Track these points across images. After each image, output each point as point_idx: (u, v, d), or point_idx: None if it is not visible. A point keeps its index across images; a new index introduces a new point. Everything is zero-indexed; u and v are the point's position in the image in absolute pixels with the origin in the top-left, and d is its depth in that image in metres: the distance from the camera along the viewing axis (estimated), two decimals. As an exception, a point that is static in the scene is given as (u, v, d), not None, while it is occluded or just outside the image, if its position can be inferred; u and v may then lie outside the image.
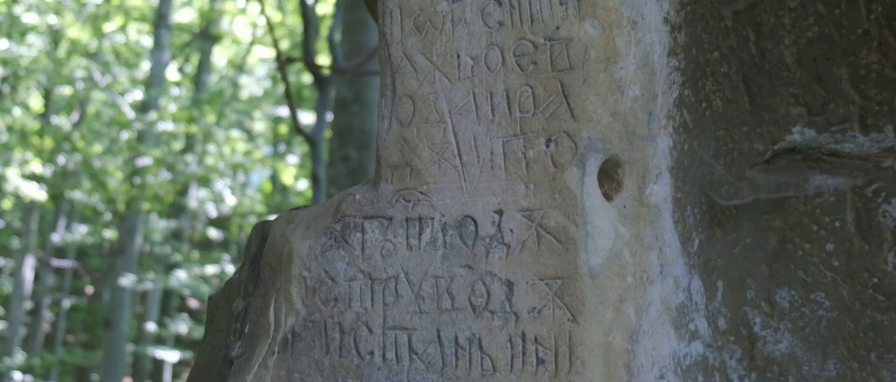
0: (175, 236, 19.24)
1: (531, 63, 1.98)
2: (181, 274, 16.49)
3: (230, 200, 18.30)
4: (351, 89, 10.40)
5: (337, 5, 10.29)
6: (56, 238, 18.13)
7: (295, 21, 16.73)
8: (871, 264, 2.11)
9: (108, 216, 17.29)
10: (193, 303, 21.85)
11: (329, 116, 10.43)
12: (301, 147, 18.26)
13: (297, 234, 2.13)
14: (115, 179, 15.05)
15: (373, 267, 2.03)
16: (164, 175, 14.95)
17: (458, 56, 2.03)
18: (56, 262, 18.83)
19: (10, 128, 15.97)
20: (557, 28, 1.97)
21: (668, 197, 2.10)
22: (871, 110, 2.14)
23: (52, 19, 15.28)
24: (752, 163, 2.21)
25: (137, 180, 14.50)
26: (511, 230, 1.96)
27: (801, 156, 2.20)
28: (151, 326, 17.54)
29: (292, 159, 18.75)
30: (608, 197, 2.00)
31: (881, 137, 2.13)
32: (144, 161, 14.52)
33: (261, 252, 2.29)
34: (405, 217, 2.03)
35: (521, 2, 2.00)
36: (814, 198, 2.16)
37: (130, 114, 15.18)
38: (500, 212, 1.97)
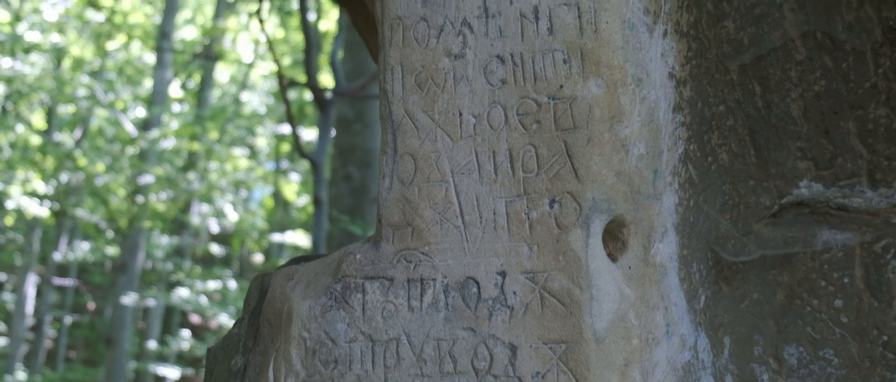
0: (177, 253, 19.21)
1: (534, 122, 1.96)
2: (183, 292, 16.45)
3: (232, 216, 18.29)
4: (353, 108, 10.39)
5: (339, 25, 10.29)
6: (58, 256, 18.10)
7: (297, 37, 16.76)
8: (881, 321, 2.07)
9: (110, 233, 17.28)
10: (195, 319, 21.80)
11: (332, 133, 10.41)
12: (303, 164, 18.25)
13: (297, 293, 2.10)
14: (118, 197, 15.04)
15: (374, 328, 2.00)
16: (167, 193, 14.94)
17: (461, 114, 2.00)
18: (58, 281, 18.79)
19: (12, 145, 15.98)
20: (561, 87, 1.95)
21: (673, 254, 2.07)
22: (880, 165, 2.11)
23: (55, 37, 15.30)
24: (758, 218, 2.17)
25: (140, 198, 14.49)
26: (514, 292, 1.93)
27: (808, 210, 2.17)
28: (153, 344, 17.50)
29: (294, 176, 18.73)
30: (613, 258, 1.97)
31: (890, 193, 2.10)
32: (147, 179, 14.51)
33: (260, 306, 2.25)
34: (406, 278, 1.99)
35: (524, 59, 1.97)
36: (822, 254, 2.13)
37: (133, 131, 15.18)
38: (503, 274, 1.94)
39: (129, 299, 14.32)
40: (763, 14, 2.16)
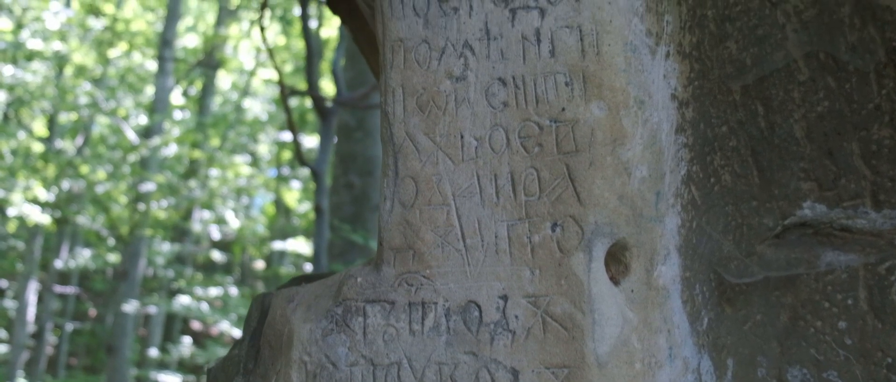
0: (178, 260, 19.21)
1: (537, 145, 1.95)
2: (185, 299, 16.44)
3: (233, 223, 18.28)
4: (354, 116, 10.38)
5: (341, 32, 10.29)
6: (59, 263, 18.09)
7: (299, 44, 16.76)
8: (885, 343, 2.06)
9: (111, 241, 17.27)
10: (197, 325, 21.78)
11: (334, 141, 10.40)
12: (305, 170, 18.23)
13: (298, 315, 2.09)
14: (119, 205, 15.04)
15: (375, 352, 1.99)
16: (168, 200, 14.94)
17: (462, 137, 1.99)
18: (59, 289, 18.79)
19: (14, 152, 15.99)
20: (563, 109, 1.94)
21: (676, 276, 2.06)
22: (884, 186, 2.10)
23: (57, 45, 15.31)
24: (761, 239, 2.16)
25: (141, 206, 14.49)
26: (516, 316, 1.91)
27: (811, 231, 2.16)
28: (154, 352, 17.48)
29: (296, 184, 18.72)
30: (615, 281, 1.96)
31: (894, 214, 2.09)
32: (148, 186, 14.51)
33: (261, 327, 2.24)
34: (408, 301, 1.98)
35: (527, 82, 1.96)
36: (825, 275, 2.12)
37: (135, 139, 15.18)
38: (504, 298, 1.93)
39: (130, 307, 14.32)
40: (766, 35, 2.15)
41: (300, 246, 14.59)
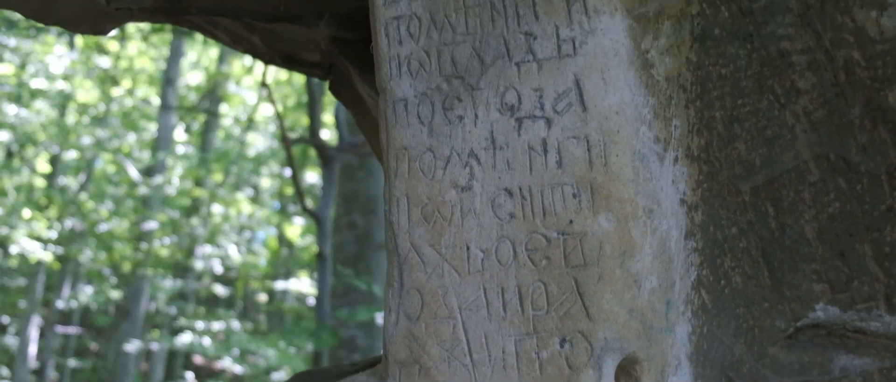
0: (181, 296, 19.15)
1: (544, 258, 1.91)
2: (187, 337, 16.35)
3: (236, 257, 18.22)
4: (357, 155, 10.36)
5: (343, 74, 10.29)
6: (60, 303, 18.01)
7: (300, 78, 16.79)
8: (902, 450, 2.01)
9: (113, 279, 17.22)
10: (199, 360, 21.65)
11: (335, 185, 10.38)
12: (307, 200, 18.17)
13: (302, 428, 2.04)
14: (122, 241, 15.01)
15: (380, 470, 1.94)
16: (171, 238, 14.91)
17: (468, 248, 1.96)
18: (61, 329, 18.69)
19: (17, 189, 16.00)
20: (571, 222, 1.90)
21: (688, 386, 2.01)
22: (898, 289, 2.06)
23: (61, 84, 15.33)
24: (773, 341, 2.12)
25: (144, 245, 14.45)
26: (525, 435, 1.87)
27: (825, 332, 2.12)
28: (156, 392, 17.37)
29: (298, 220, 18.68)
30: (626, 396, 1.92)
31: (909, 317, 2.05)
32: (150, 225, 14.48)
33: (264, 431, 2.20)
34: (414, 418, 1.94)
35: (534, 193, 1.93)
36: (840, 380, 2.07)
37: (137, 177, 15.18)
38: (513, 416, 1.88)
39: (131, 346, 14.24)
40: (775, 135, 2.12)
41: (303, 285, 14.52)
